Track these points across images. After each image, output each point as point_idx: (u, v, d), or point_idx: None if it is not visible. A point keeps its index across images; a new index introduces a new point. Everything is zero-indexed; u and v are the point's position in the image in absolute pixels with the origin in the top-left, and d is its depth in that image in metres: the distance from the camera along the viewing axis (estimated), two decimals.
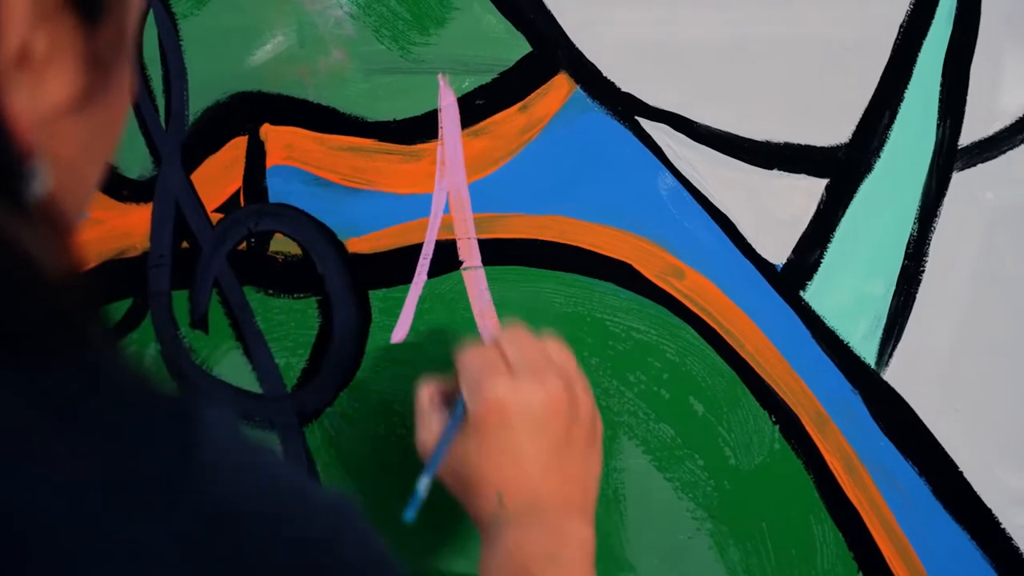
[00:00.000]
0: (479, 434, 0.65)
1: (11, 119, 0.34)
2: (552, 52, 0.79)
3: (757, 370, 0.80)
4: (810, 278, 0.78)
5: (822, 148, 0.76)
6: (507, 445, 0.64)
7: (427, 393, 0.73)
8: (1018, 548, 0.76)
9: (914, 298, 0.77)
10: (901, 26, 0.74)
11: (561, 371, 0.68)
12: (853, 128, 0.76)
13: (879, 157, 0.76)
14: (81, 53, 0.37)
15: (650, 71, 0.78)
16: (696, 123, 0.78)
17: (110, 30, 0.38)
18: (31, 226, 0.34)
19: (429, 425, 0.71)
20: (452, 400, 0.70)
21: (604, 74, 0.79)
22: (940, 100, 0.75)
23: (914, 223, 0.76)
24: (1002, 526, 0.77)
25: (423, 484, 0.69)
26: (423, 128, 0.81)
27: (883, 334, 0.77)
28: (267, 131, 0.82)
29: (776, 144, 0.77)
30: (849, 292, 0.77)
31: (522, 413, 0.64)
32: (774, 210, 0.77)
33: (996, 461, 0.76)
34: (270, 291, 0.85)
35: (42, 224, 0.34)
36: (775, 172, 0.77)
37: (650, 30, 0.78)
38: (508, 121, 0.80)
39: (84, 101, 0.37)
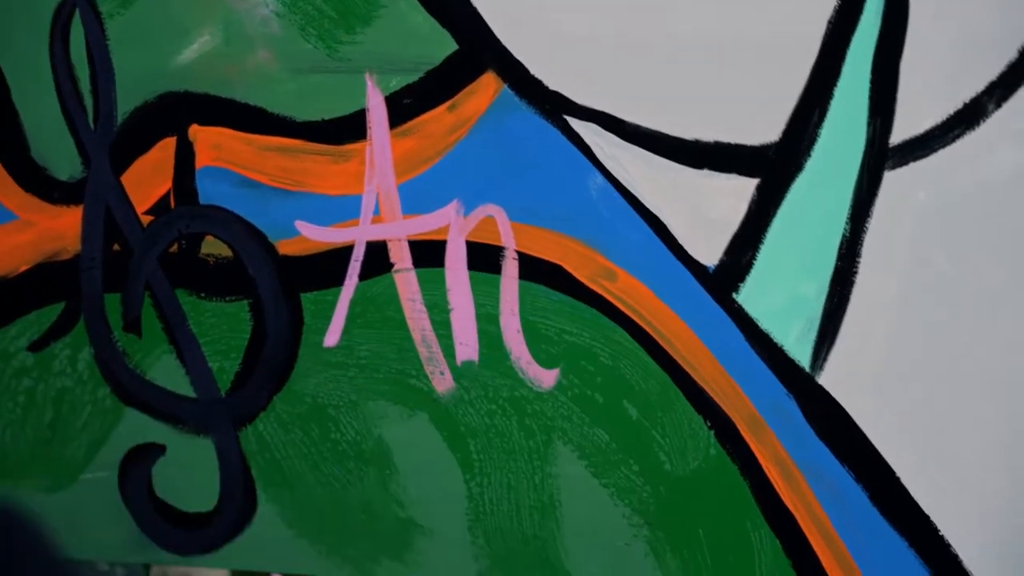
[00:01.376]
0: None
1: None
2: (479, 50, 0.82)
3: (691, 374, 0.84)
4: (743, 280, 0.81)
5: (752, 147, 0.80)
6: None
7: None
8: (956, 554, 0.79)
9: (848, 299, 0.80)
10: (829, 22, 0.77)
11: None
12: (783, 127, 0.79)
13: (809, 156, 0.79)
14: None
15: (578, 69, 0.82)
16: (625, 122, 0.81)
17: None
18: None
19: None
20: None
21: (532, 72, 0.82)
22: (870, 98, 0.78)
23: (846, 223, 0.79)
24: (940, 532, 0.80)
25: None
26: (351, 128, 0.85)
27: (817, 336, 0.81)
28: (195, 131, 0.87)
29: (706, 143, 0.80)
30: (782, 294, 0.81)
31: None
32: (705, 211, 0.81)
33: (932, 465, 0.80)
34: (202, 294, 0.90)
35: None
36: (705, 172, 0.81)
37: (578, 28, 0.81)
38: (436, 120, 0.84)
39: None
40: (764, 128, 0.81)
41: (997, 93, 0.76)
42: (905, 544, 0.83)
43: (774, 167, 0.81)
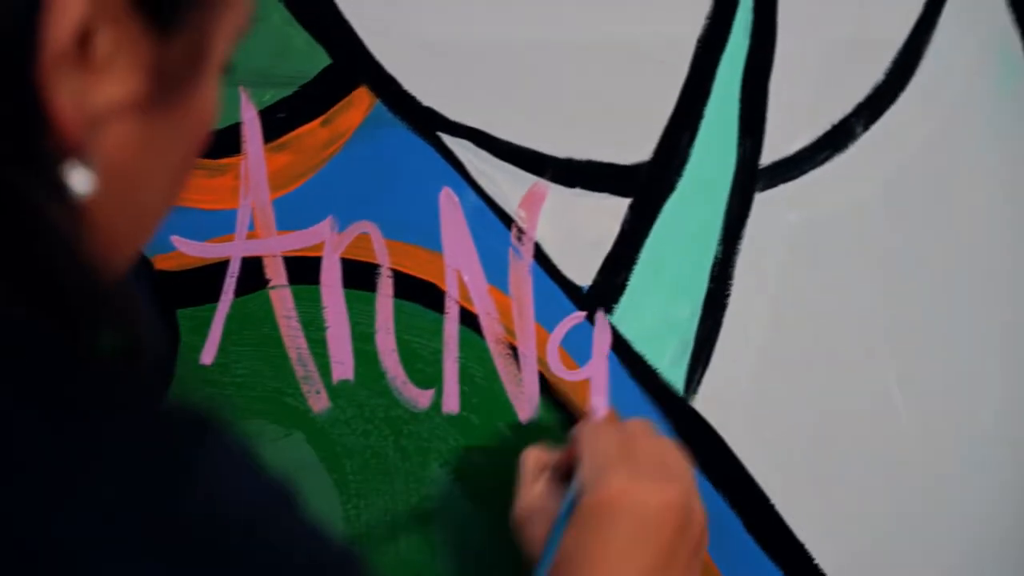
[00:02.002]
0: (583, 521, 0.66)
1: (55, 109, 0.37)
2: (352, 64, 0.83)
3: (566, 397, 0.84)
4: (616, 301, 0.82)
5: (624, 166, 0.80)
6: (611, 540, 0.65)
7: (533, 458, 0.76)
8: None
9: (721, 323, 0.81)
10: (699, 41, 0.78)
11: (683, 477, 0.69)
12: (654, 146, 0.79)
13: (681, 176, 0.80)
14: (147, 61, 0.37)
15: (451, 85, 0.83)
16: (498, 139, 0.82)
17: (184, 44, 0.39)
18: (69, 217, 0.37)
19: (532, 492, 0.75)
20: (561, 473, 0.75)
21: (404, 87, 0.83)
22: (740, 118, 0.78)
23: (718, 245, 0.80)
24: (815, 561, 0.80)
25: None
26: (226, 142, 0.87)
27: (691, 360, 0.82)
28: None
29: (578, 161, 0.81)
30: (656, 316, 0.81)
31: (636, 511, 0.65)
32: (579, 230, 0.82)
33: (807, 491, 0.80)
34: None
35: (79, 223, 0.38)
36: (578, 190, 0.81)
37: (452, 43, 0.83)
38: (310, 135, 0.85)
39: (144, 108, 0.38)
40: (636, 147, 0.81)
41: (865, 115, 0.77)
42: (781, 574, 0.83)
43: (646, 186, 0.81)
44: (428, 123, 0.86)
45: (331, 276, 0.90)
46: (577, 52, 0.81)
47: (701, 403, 0.84)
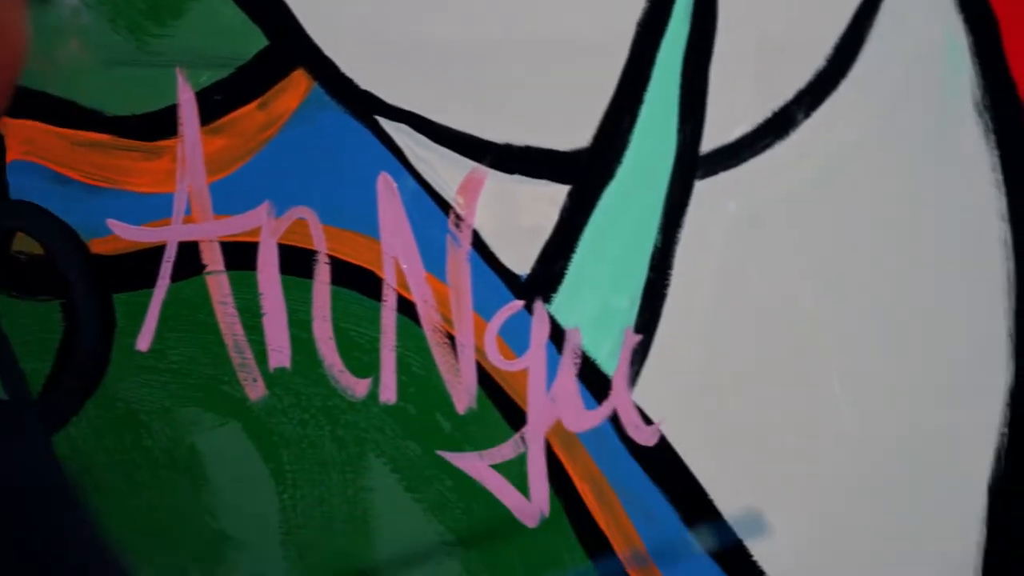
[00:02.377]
0: None
1: None
2: (289, 46, 0.82)
3: (504, 387, 0.83)
4: (555, 290, 0.81)
5: (563, 152, 0.79)
6: None
7: None
8: (755, 561, 0.78)
9: (660, 313, 0.79)
10: (639, 25, 0.77)
11: None
12: (594, 132, 0.78)
13: (621, 163, 0.79)
14: None
15: (390, 69, 0.82)
16: (436, 123, 0.81)
17: None
18: None
19: None
20: None
21: (342, 70, 0.82)
22: (680, 104, 0.77)
23: (658, 233, 0.79)
24: (752, 557, 0.79)
25: None
26: (162, 124, 0.86)
27: (631, 352, 0.80)
28: (5, 124, 0.86)
29: (517, 147, 0.80)
30: (595, 306, 0.80)
31: None
32: (517, 217, 0.81)
33: (745, 487, 0.79)
34: (14, 292, 0.89)
35: None
36: (517, 177, 0.80)
37: (390, 27, 0.81)
38: (247, 118, 0.84)
39: None
40: (575, 133, 0.80)
41: (806, 102, 0.76)
42: (719, 569, 0.82)
43: (585, 173, 0.80)
44: (366, 107, 0.85)
45: (268, 262, 0.89)
46: (517, 36, 0.80)
47: (640, 395, 0.83)
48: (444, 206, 0.84)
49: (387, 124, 0.85)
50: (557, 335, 0.83)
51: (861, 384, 0.78)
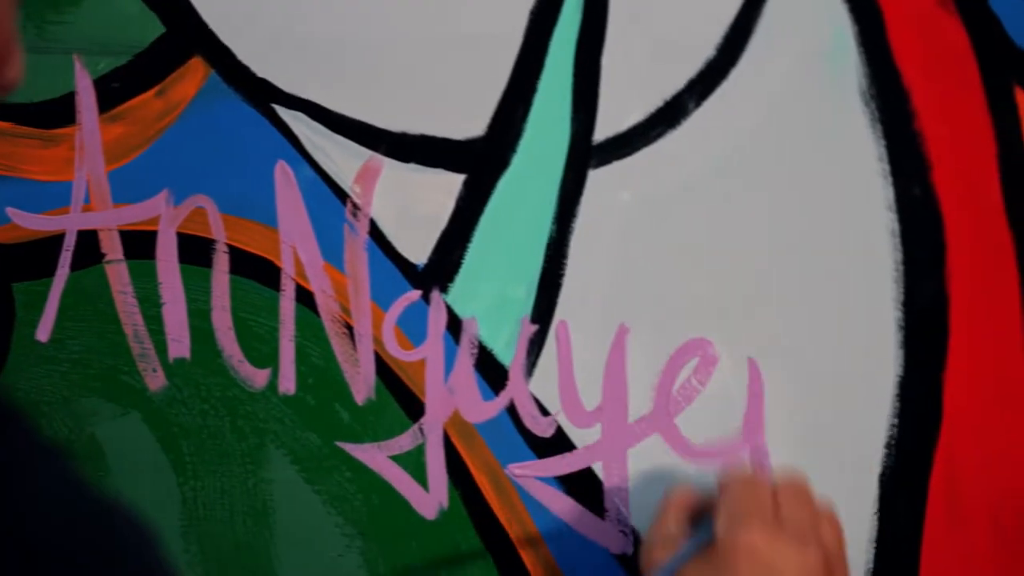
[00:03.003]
0: (706, 564, 0.62)
1: None
2: (186, 34, 0.83)
3: (402, 377, 0.83)
4: (452, 280, 0.81)
5: (458, 141, 0.80)
6: None
7: (678, 496, 0.70)
8: None
9: (555, 303, 0.80)
10: (532, 12, 0.77)
11: (826, 545, 0.64)
12: (488, 121, 0.79)
13: (515, 152, 0.79)
14: None
15: (286, 56, 0.82)
16: (332, 112, 0.81)
17: None
18: None
19: (665, 526, 0.71)
20: (699, 518, 0.71)
21: (239, 58, 0.82)
22: (573, 93, 0.78)
23: (553, 223, 0.79)
24: (642, 537, 0.79)
25: None
26: (60, 112, 0.86)
27: (527, 342, 0.81)
28: None
29: (413, 136, 0.81)
30: (491, 296, 0.81)
31: (768, 570, 0.61)
32: (414, 206, 0.81)
33: (641, 478, 0.79)
34: None
35: None
36: (413, 166, 0.81)
37: (285, 14, 0.82)
38: (145, 106, 0.85)
39: None
40: (470, 122, 0.81)
41: (697, 91, 0.77)
42: (615, 561, 0.82)
43: (480, 163, 0.81)
44: (263, 95, 0.85)
45: (167, 251, 0.90)
46: (412, 24, 0.81)
47: (536, 385, 0.83)
48: (341, 195, 0.84)
49: (284, 112, 0.85)
50: (454, 325, 0.84)
51: (757, 363, 0.78)
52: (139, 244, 0.89)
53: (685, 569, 0.64)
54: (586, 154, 0.80)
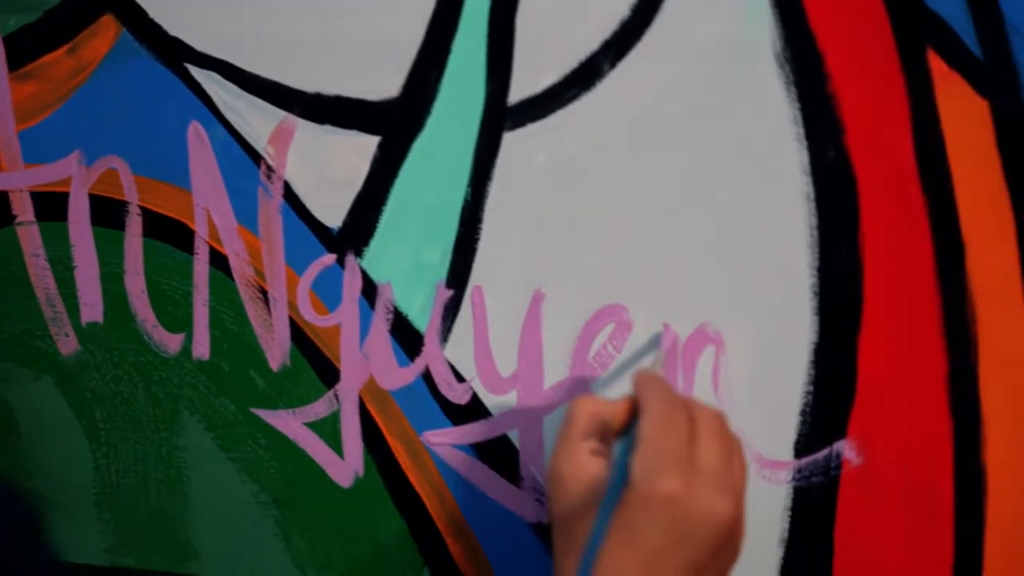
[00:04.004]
0: (622, 513, 0.61)
1: None
2: None
3: (317, 343, 0.83)
4: (367, 244, 0.81)
5: (373, 102, 0.79)
6: (644, 541, 0.60)
7: (587, 412, 0.67)
8: None
9: (471, 268, 0.79)
10: None
11: (737, 492, 0.63)
12: (403, 82, 0.78)
13: (430, 114, 0.79)
14: None
15: (198, 15, 0.81)
16: (245, 71, 0.80)
17: None
18: None
19: (575, 456, 0.68)
20: (611, 436, 0.69)
21: (150, 15, 0.82)
22: (487, 54, 0.77)
23: (468, 187, 0.78)
24: None
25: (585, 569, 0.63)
26: None
27: (442, 307, 0.80)
28: None
29: (327, 97, 0.80)
30: (406, 260, 0.81)
31: (680, 522, 0.60)
32: (329, 169, 0.81)
33: (552, 442, 0.79)
34: None
35: None
36: (328, 127, 0.80)
37: None
38: (56, 64, 0.84)
39: None
40: (385, 82, 0.80)
41: (612, 52, 0.76)
42: (530, 529, 0.82)
43: (395, 124, 0.80)
44: (175, 54, 0.84)
45: (79, 213, 0.89)
46: None
47: (451, 351, 0.83)
48: (255, 157, 0.84)
49: (197, 72, 0.84)
50: (369, 290, 0.83)
51: (667, 339, 0.78)
52: (51, 206, 0.89)
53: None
54: (501, 116, 0.79)
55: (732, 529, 0.63)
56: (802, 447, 0.78)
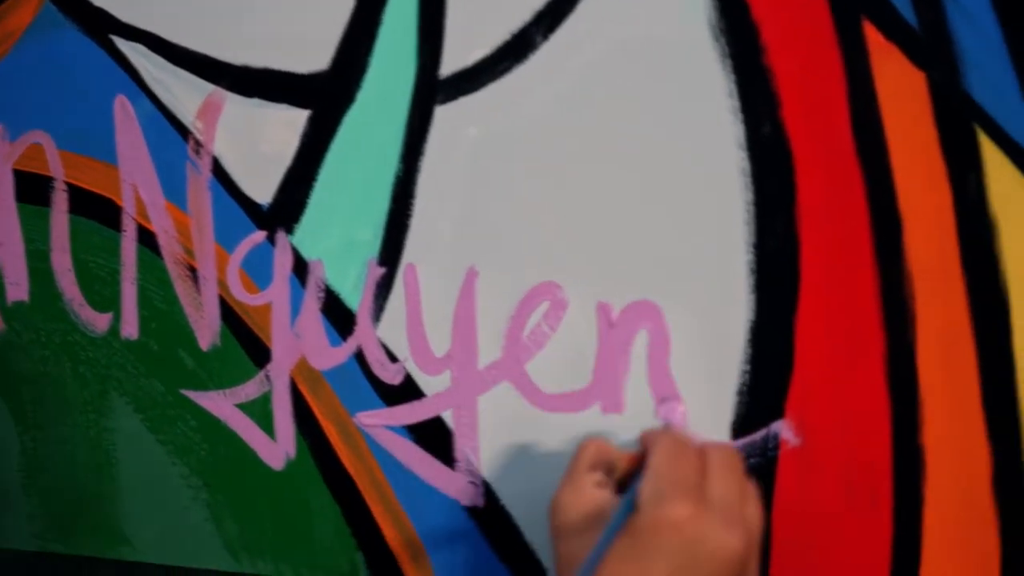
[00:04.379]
0: (628, 537, 0.60)
1: None
2: None
3: (247, 322, 0.81)
4: (297, 220, 0.79)
5: (302, 75, 0.77)
6: (649, 566, 0.59)
7: (593, 449, 0.68)
8: (504, 505, 0.77)
9: (403, 245, 0.78)
10: None
11: (750, 528, 0.62)
12: (333, 54, 0.76)
13: (360, 87, 0.77)
14: None
15: None
16: (173, 43, 0.78)
17: None
18: None
19: (580, 485, 0.68)
20: (621, 477, 0.69)
21: None
22: (419, 26, 0.75)
23: (400, 162, 0.76)
24: (501, 502, 0.78)
25: None
26: None
27: (375, 286, 0.78)
28: None
29: (256, 69, 0.78)
30: (338, 237, 0.79)
31: (690, 547, 0.59)
32: (258, 144, 0.79)
33: (490, 426, 0.77)
34: None
35: None
36: (256, 101, 0.78)
37: None
38: None
39: None
40: (314, 55, 0.78)
41: (544, 24, 0.74)
42: (465, 512, 0.81)
43: (325, 98, 0.78)
44: (100, 25, 0.82)
45: (3, 189, 0.87)
46: None
47: (385, 331, 0.81)
48: (183, 131, 0.82)
49: (123, 44, 0.82)
50: (301, 268, 0.81)
51: (602, 318, 0.77)
52: None
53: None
54: (432, 90, 0.78)
55: (741, 569, 0.61)
56: (739, 427, 0.77)
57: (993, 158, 0.69)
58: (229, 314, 0.84)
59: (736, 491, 0.64)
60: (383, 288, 0.82)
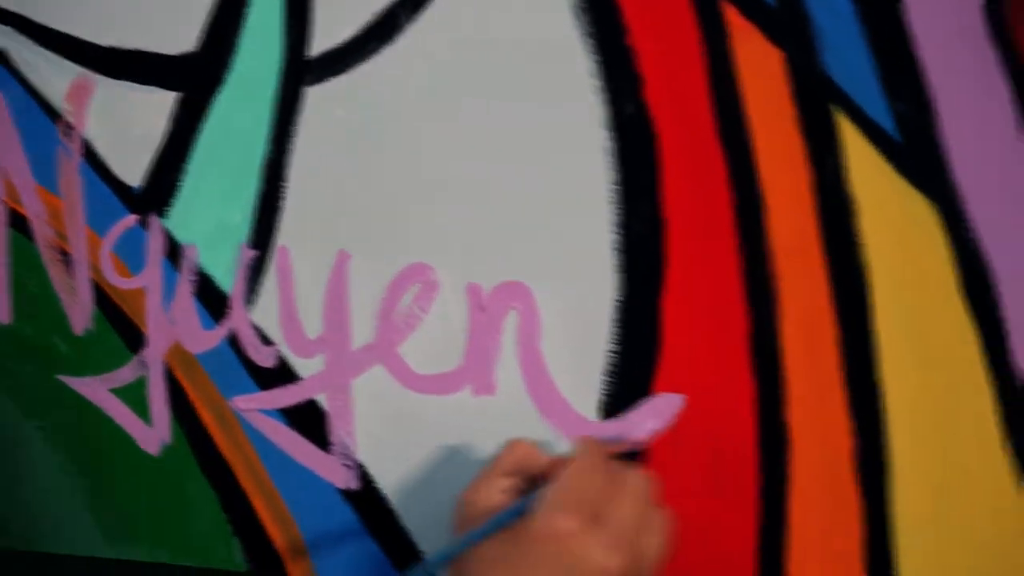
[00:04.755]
0: (512, 539, 0.60)
1: None
2: None
3: (121, 306, 0.80)
4: (169, 204, 0.78)
5: (171, 57, 0.77)
6: (523, 572, 0.59)
7: (520, 453, 0.68)
8: (384, 496, 0.76)
9: (275, 228, 0.77)
10: None
11: (639, 556, 0.62)
12: (201, 35, 0.75)
13: (229, 68, 0.76)
14: None
15: None
16: (40, 24, 0.77)
17: None
18: None
19: (488, 487, 0.68)
20: (530, 480, 0.68)
21: None
22: (286, 5, 0.74)
23: (270, 143, 0.76)
24: (375, 484, 0.77)
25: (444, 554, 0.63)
26: None
27: (247, 269, 0.78)
28: None
29: (124, 51, 0.77)
30: (210, 220, 0.78)
31: (563, 564, 0.59)
32: (129, 126, 0.78)
33: (364, 409, 0.77)
34: None
35: None
36: (125, 83, 0.77)
37: None
38: None
39: None
40: (182, 35, 0.77)
41: (409, 4, 0.74)
42: (340, 496, 0.80)
43: (194, 79, 0.78)
44: None
45: None
46: None
47: (258, 313, 0.81)
48: (53, 114, 0.81)
49: None
50: (174, 251, 0.81)
51: (472, 300, 0.77)
52: None
53: (489, 542, 0.62)
54: (300, 70, 0.77)
55: None
56: (608, 408, 0.77)
57: (851, 137, 0.70)
58: (103, 298, 0.84)
59: (634, 518, 0.64)
60: (256, 271, 0.82)
